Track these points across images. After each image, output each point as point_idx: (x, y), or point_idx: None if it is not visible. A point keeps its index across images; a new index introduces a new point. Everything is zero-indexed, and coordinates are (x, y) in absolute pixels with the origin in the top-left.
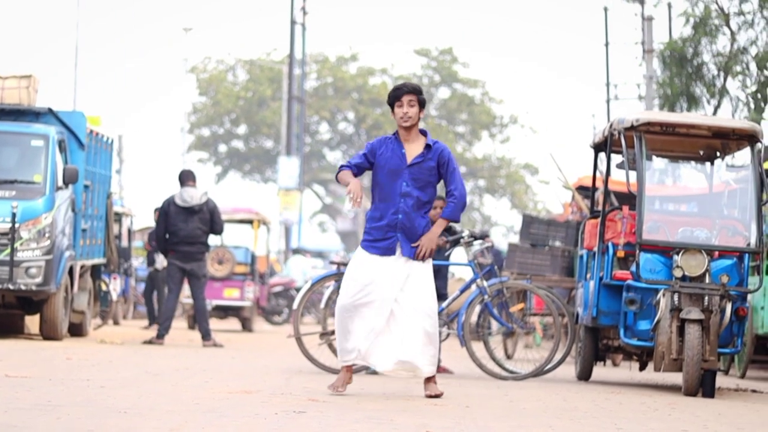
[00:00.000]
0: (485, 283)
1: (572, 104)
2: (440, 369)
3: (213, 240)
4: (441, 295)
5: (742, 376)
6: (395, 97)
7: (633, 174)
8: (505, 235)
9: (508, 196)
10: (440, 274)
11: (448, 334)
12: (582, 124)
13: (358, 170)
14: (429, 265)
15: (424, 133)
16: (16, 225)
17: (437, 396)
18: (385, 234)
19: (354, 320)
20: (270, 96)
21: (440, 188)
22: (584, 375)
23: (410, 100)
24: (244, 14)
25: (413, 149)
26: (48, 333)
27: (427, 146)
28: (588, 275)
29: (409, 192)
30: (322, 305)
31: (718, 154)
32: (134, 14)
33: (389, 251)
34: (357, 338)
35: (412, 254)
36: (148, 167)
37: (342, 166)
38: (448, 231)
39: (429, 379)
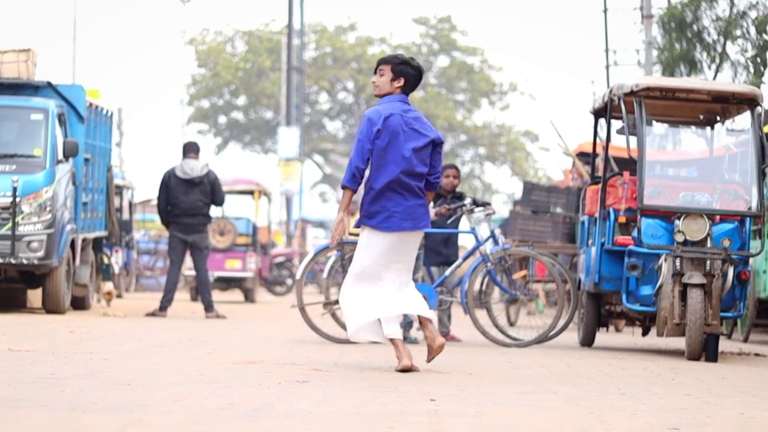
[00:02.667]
0: (488, 251)
1: (571, 71)
2: (449, 337)
3: (214, 211)
4: (452, 263)
5: (745, 340)
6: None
7: (633, 139)
8: (506, 203)
9: (509, 164)
10: (450, 242)
11: (451, 302)
12: (581, 90)
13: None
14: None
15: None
16: (17, 199)
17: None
18: None
19: None
20: (269, 67)
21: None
22: (587, 341)
23: (380, 69)
24: None
25: None
26: (50, 307)
27: None
28: (590, 241)
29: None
30: (325, 275)
31: (718, 118)
32: None
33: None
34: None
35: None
36: (148, 140)
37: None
38: (456, 198)
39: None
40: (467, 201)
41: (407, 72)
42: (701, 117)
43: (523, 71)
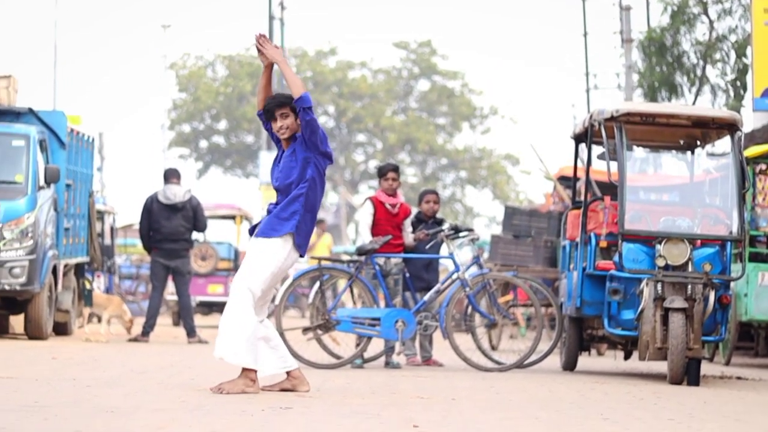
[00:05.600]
0: (467, 275)
1: (552, 94)
2: (431, 362)
3: (196, 236)
4: (432, 287)
5: (727, 363)
6: (268, 114)
7: (614, 164)
8: (487, 226)
9: (490, 187)
10: (431, 267)
11: (436, 327)
12: (562, 113)
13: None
14: (263, 244)
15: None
16: None
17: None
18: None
19: None
20: (250, 91)
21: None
22: (569, 365)
23: (282, 113)
24: (222, 10)
25: None
26: (33, 332)
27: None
28: (571, 266)
29: (278, 186)
30: (310, 300)
31: (698, 142)
32: (112, 13)
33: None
34: None
35: (256, 234)
36: (130, 164)
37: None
38: (436, 223)
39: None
40: (445, 226)
41: (295, 108)
42: (681, 142)
43: (504, 95)
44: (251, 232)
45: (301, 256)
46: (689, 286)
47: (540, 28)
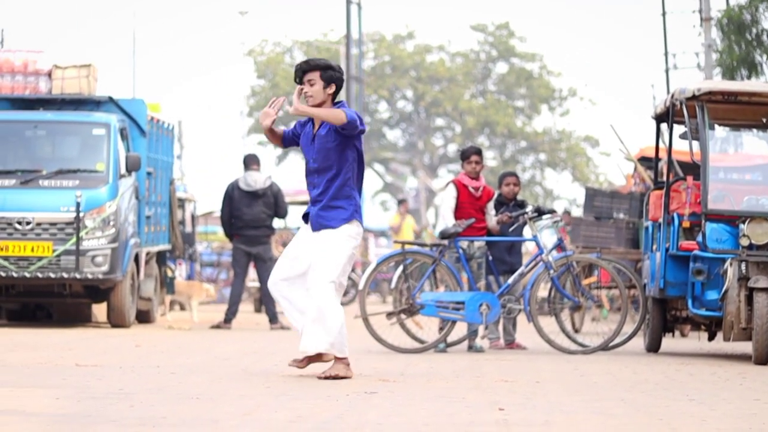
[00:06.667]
0: (551, 258)
1: (631, 75)
2: (514, 345)
3: (277, 223)
4: (516, 271)
5: None
6: (295, 77)
7: (696, 144)
8: (567, 209)
9: (570, 170)
10: (514, 250)
11: (520, 310)
12: (641, 94)
13: (290, 136)
14: (332, 235)
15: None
16: (81, 214)
17: (329, 377)
18: (309, 209)
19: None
20: None
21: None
22: (653, 347)
23: (309, 79)
24: None
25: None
26: (116, 321)
27: None
28: (654, 247)
29: (317, 168)
30: (393, 285)
31: None
32: (190, 0)
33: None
34: None
35: (316, 228)
36: (209, 152)
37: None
38: (517, 206)
39: (319, 357)
40: (529, 209)
41: (336, 77)
42: (764, 120)
43: (582, 76)
44: (305, 219)
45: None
46: None
47: (618, 7)
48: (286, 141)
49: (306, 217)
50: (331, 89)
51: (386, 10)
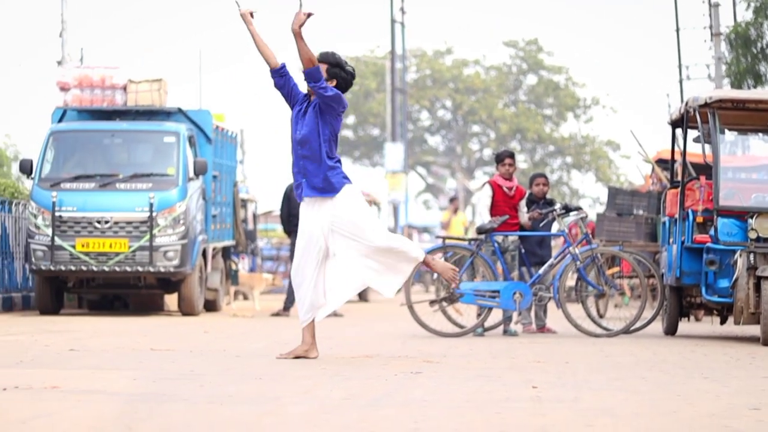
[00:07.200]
0: (577, 251)
1: (648, 85)
2: (545, 329)
3: None
4: (546, 262)
5: None
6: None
7: (708, 147)
8: (591, 206)
9: (593, 171)
10: (544, 243)
11: (549, 298)
12: (657, 102)
13: (283, 78)
14: (347, 199)
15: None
16: (154, 214)
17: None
18: (299, 181)
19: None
20: (375, 88)
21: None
22: (670, 330)
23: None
24: (348, 14)
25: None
26: (186, 309)
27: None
28: (671, 240)
29: (300, 138)
30: (435, 276)
31: None
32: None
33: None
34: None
35: (314, 194)
36: (268, 157)
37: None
38: (547, 203)
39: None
40: (557, 206)
41: (340, 75)
42: None
43: (605, 87)
44: (299, 196)
45: None
46: None
47: (636, 24)
48: (278, 77)
49: (299, 189)
50: (332, 83)
51: (427, 29)
